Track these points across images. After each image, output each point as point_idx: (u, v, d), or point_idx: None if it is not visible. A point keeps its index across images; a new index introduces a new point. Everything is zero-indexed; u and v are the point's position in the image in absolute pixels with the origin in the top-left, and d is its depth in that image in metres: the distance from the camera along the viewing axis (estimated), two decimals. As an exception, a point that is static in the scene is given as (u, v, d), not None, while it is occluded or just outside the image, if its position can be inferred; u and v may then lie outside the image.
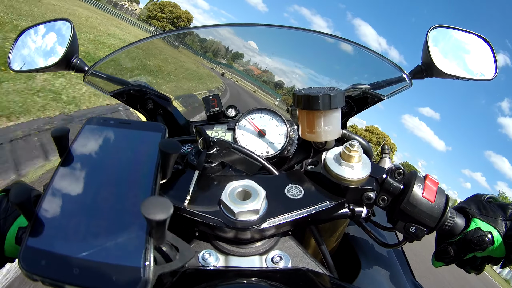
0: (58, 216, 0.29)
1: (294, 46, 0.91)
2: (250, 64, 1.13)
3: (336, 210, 0.45)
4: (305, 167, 0.48)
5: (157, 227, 0.27)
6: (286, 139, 0.74)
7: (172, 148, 0.34)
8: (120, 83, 0.80)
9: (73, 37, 0.68)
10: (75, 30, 0.69)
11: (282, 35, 0.81)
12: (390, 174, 0.44)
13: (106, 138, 0.37)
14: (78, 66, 0.70)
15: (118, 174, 0.34)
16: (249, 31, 0.85)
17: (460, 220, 0.46)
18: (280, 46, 0.92)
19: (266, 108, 0.78)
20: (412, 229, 0.43)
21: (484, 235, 0.44)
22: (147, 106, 0.82)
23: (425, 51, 0.64)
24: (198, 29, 0.80)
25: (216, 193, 0.43)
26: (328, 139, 0.55)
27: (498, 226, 0.45)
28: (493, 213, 0.46)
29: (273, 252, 0.42)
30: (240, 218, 0.40)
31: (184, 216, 0.41)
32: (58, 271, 0.26)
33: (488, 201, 0.49)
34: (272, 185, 0.45)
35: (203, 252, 0.40)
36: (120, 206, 0.31)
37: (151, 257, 0.28)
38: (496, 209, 0.47)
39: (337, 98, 0.50)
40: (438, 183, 0.44)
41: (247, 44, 0.98)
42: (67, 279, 0.25)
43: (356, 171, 0.43)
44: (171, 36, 0.90)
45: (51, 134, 0.34)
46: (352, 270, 0.60)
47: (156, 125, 0.40)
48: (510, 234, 0.44)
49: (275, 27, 0.74)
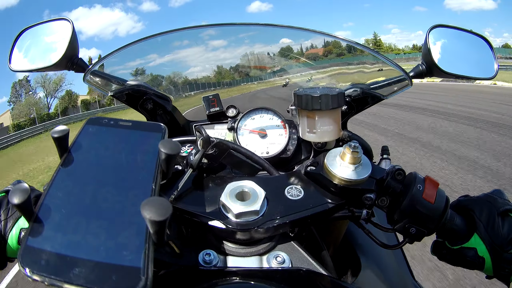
0: (58, 216, 0.29)
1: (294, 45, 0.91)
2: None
3: (336, 211, 0.45)
4: (305, 167, 0.48)
5: (157, 228, 0.27)
6: (286, 139, 0.74)
7: (172, 148, 0.34)
8: (120, 83, 0.80)
9: (73, 37, 0.68)
10: (75, 30, 0.69)
11: (285, 34, 0.81)
12: (390, 175, 0.44)
13: (106, 138, 0.37)
14: (78, 66, 0.70)
15: (118, 174, 0.34)
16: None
17: (462, 225, 0.44)
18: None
19: (266, 108, 0.78)
20: (412, 230, 0.43)
21: (477, 260, 0.43)
22: (147, 106, 0.82)
23: (425, 51, 0.64)
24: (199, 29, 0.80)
25: (216, 194, 0.43)
26: (328, 139, 0.54)
27: (495, 253, 0.42)
28: (498, 237, 0.42)
29: (273, 253, 0.42)
30: (240, 219, 0.40)
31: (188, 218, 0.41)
32: (58, 271, 0.26)
33: (503, 213, 0.43)
34: (272, 185, 0.45)
35: (203, 253, 0.40)
36: (120, 206, 0.31)
37: (151, 257, 0.28)
38: (506, 231, 0.42)
39: (337, 98, 0.50)
40: (438, 184, 0.44)
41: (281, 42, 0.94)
42: (67, 279, 0.25)
43: (356, 172, 0.43)
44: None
45: (51, 134, 0.34)
46: (352, 271, 0.60)
47: (156, 125, 0.40)
48: (502, 266, 0.42)
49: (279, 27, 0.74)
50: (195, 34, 0.82)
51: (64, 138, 0.34)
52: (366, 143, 0.67)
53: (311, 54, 1.02)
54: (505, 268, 0.42)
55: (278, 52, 1.02)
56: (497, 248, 0.42)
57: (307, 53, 1.02)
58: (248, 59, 1.04)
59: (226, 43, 0.92)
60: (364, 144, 0.63)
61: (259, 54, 1.03)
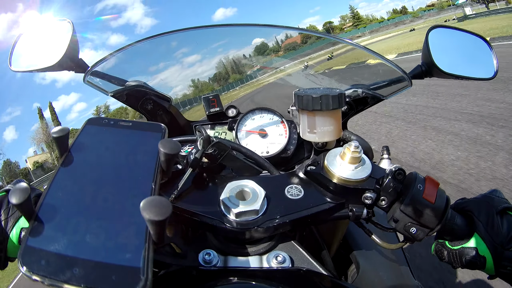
0: (58, 216, 0.29)
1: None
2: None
3: (336, 211, 0.45)
4: (305, 167, 0.48)
5: (156, 227, 0.27)
6: (286, 139, 0.74)
7: (172, 148, 0.34)
8: (120, 83, 0.80)
9: (73, 37, 0.68)
10: (75, 30, 0.69)
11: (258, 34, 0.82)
12: (391, 175, 0.43)
13: (106, 138, 0.37)
14: (78, 66, 0.70)
15: (118, 174, 0.34)
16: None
17: (462, 225, 0.44)
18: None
19: (266, 108, 0.78)
20: (412, 230, 0.43)
21: (478, 259, 0.42)
22: (147, 107, 0.82)
23: (425, 51, 0.64)
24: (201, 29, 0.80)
25: (216, 193, 0.43)
26: (328, 139, 0.54)
27: (496, 252, 0.42)
28: (498, 235, 0.42)
29: (273, 252, 0.42)
30: (240, 218, 0.40)
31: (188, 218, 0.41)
32: (58, 271, 0.25)
33: (502, 212, 0.43)
34: (272, 185, 0.45)
35: (203, 252, 0.40)
36: (120, 206, 0.31)
37: (150, 257, 0.28)
38: (505, 229, 0.42)
39: (337, 98, 0.50)
40: (438, 184, 0.44)
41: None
42: (66, 279, 0.25)
43: (356, 172, 0.43)
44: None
45: (52, 134, 0.34)
46: (352, 271, 0.60)
47: (156, 125, 0.40)
48: (504, 264, 0.42)
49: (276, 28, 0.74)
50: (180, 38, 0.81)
51: (64, 138, 0.34)
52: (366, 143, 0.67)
53: (289, 44, 1.04)
54: (506, 266, 0.42)
55: (253, 51, 1.04)
56: (498, 246, 0.42)
57: (285, 43, 1.04)
58: (227, 63, 1.08)
59: (200, 56, 0.92)
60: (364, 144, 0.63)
61: (236, 58, 1.06)
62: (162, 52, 0.90)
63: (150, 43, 0.74)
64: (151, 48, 0.82)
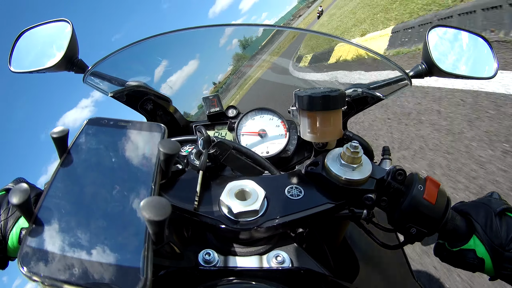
0: (58, 216, 0.29)
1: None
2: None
3: (336, 211, 0.44)
4: (306, 167, 0.48)
5: (156, 228, 0.27)
6: (286, 139, 0.74)
7: (172, 148, 0.34)
8: (120, 84, 0.80)
9: (73, 38, 0.68)
10: (74, 31, 0.69)
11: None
12: (391, 175, 0.43)
13: (105, 138, 0.37)
14: (78, 67, 0.70)
15: (117, 174, 0.34)
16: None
17: (462, 227, 0.44)
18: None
19: (266, 108, 0.78)
20: (412, 230, 0.43)
21: (477, 261, 0.42)
22: (147, 107, 0.82)
23: (425, 50, 0.64)
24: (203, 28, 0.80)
25: (215, 193, 0.43)
26: (328, 139, 0.54)
27: (495, 253, 0.41)
28: (497, 237, 0.42)
29: (273, 252, 0.41)
30: (240, 218, 0.40)
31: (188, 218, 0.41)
32: (58, 272, 0.25)
33: (501, 213, 0.43)
34: (272, 185, 0.45)
35: (203, 252, 0.40)
36: (119, 206, 0.31)
37: (150, 258, 0.28)
38: (504, 230, 0.42)
39: (338, 98, 0.50)
40: (439, 184, 0.44)
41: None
42: (66, 279, 0.25)
43: (356, 172, 0.43)
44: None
45: (50, 134, 0.34)
46: (352, 271, 0.60)
47: (156, 125, 0.40)
48: (504, 266, 0.41)
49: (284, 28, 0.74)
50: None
51: (63, 138, 0.34)
52: (367, 143, 0.67)
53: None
54: (507, 267, 0.41)
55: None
56: (498, 248, 0.41)
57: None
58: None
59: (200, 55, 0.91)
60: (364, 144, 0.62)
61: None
62: (162, 52, 0.90)
63: (150, 43, 0.74)
64: (151, 48, 0.82)
